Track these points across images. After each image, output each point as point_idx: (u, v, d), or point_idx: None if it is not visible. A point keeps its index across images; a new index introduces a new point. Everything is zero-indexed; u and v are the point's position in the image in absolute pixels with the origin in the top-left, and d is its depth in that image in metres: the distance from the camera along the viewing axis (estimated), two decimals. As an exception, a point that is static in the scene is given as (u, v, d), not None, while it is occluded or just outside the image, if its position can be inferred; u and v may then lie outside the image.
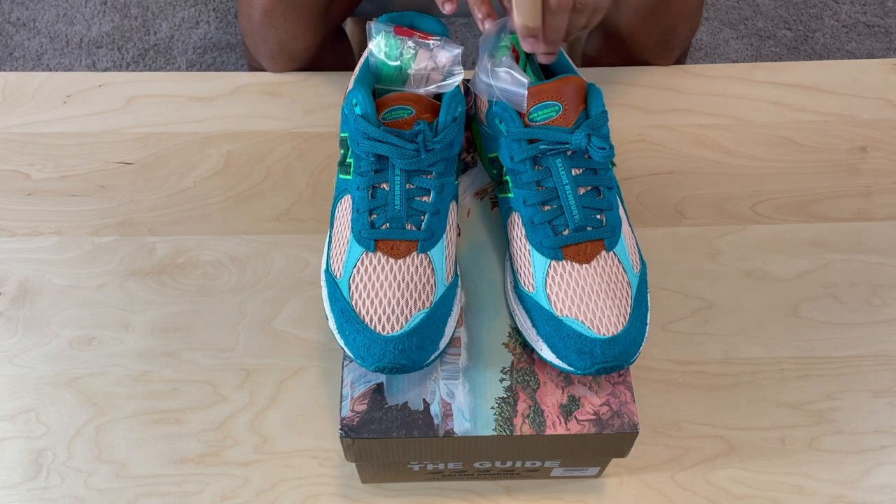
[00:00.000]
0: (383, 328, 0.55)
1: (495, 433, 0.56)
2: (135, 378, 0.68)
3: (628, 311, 0.56)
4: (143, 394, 0.67)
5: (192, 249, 0.75)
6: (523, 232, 0.59)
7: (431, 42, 0.62)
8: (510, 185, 0.60)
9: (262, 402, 0.67)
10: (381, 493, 0.64)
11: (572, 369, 0.56)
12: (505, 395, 0.57)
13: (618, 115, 0.83)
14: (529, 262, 0.58)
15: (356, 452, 0.57)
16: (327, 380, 0.68)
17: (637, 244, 0.61)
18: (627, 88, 0.85)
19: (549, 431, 0.56)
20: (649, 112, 0.84)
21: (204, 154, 0.80)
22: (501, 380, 0.58)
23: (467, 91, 0.71)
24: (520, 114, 0.59)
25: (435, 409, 0.57)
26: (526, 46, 0.62)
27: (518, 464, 0.61)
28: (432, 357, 0.56)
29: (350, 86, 0.64)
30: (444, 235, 0.59)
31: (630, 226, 0.61)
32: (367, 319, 0.55)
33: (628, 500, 0.64)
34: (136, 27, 1.57)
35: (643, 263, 0.60)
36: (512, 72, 0.59)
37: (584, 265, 0.57)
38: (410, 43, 0.62)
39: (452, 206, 0.61)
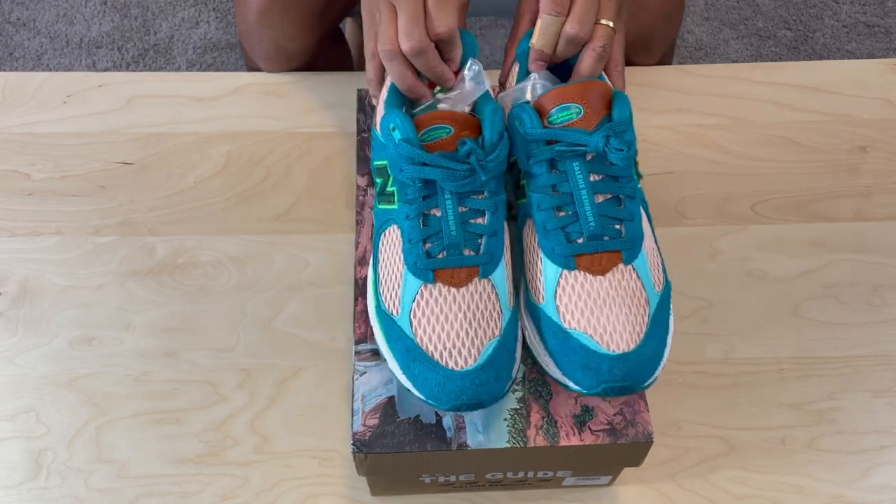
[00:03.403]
0: (455, 363, 0.52)
1: (509, 445, 0.55)
2: (135, 378, 0.68)
3: (644, 328, 0.53)
4: (144, 394, 0.67)
5: (192, 249, 0.75)
6: (536, 239, 0.56)
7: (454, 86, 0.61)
8: (526, 189, 0.58)
9: (262, 402, 0.67)
10: (381, 493, 0.64)
11: (578, 388, 0.53)
12: (518, 407, 0.56)
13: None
14: (540, 271, 0.55)
15: (368, 467, 0.57)
16: (327, 380, 0.68)
17: (662, 263, 0.57)
18: (627, 88, 0.85)
19: (563, 442, 0.55)
20: (649, 112, 0.84)
21: (204, 154, 0.80)
22: (514, 391, 0.57)
23: None
24: (539, 115, 0.56)
25: (447, 421, 0.56)
26: (533, 66, 0.63)
27: (530, 474, 0.61)
28: (508, 387, 0.53)
29: (381, 111, 0.62)
30: (503, 257, 0.56)
31: (656, 242, 0.58)
32: (437, 356, 0.52)
33: (628, 500, 0.64)
34: (136, 27, 1.57)
35: (667, 283, 0.56)
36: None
37: (597, 277, 0.53)
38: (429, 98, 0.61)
39: (505, 225, 0.57)
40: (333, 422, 0.66)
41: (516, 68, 0.65)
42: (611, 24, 0.62)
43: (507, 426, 0.55)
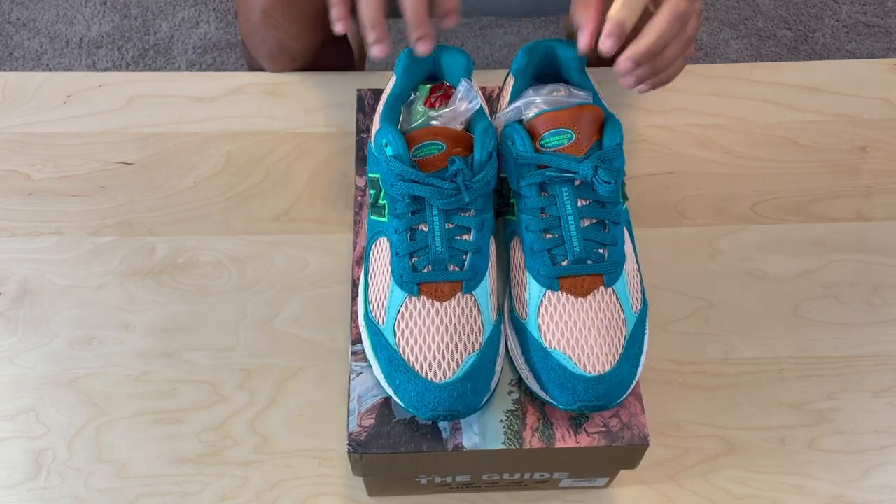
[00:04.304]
0: (435, 375, 0.53)
1: (504, 447, 0.55)
2: (135, 378, 0.68)
3: (619, 351, 0.54)
4: (144, 394, 0.67)
5: (192, 249, 0.75)
6: (522, 258, 0.58)
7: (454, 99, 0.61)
8: (515, 208, 0.59)
9: (262, 402, 0.67)
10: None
11: (555, 403, 0.54)
12: (514, 408, 0.56)
13: (618, 114, 0.83)
14: (525, 289, 0.57)
15: (364, 467, 0.57)
16: (327, 380, 0.68)
17: (642, 283, 0.59)
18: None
19: (558, 444, 0.55)
20: (649, 112, 0.84)
21: (204, 154, 0.80)
22: (510, 392, 0.57)
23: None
24: (532, 137, 0.57)
25: (443, 422, 0.56)
26: (604, 45, 0.56)
27: (527, 475, 0.61)
28: (485, 399, 0.55)
29: (376, 124, 0.63)
30: (487, 273, 0.57)
31: (637, 263, 0.59)
32: (418, 367, 0.54)
33: (628, 500, 0.64)
34: (136, 27, 1.57)
35: (644, 303, 0.58)
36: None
37: (579, 299, 0.55)
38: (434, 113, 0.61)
39: (492, 241, 0.59)
40: (333, 422, 0.66)
41: (511, 82, 0.64)
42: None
43: (503, 428, 0.56)
